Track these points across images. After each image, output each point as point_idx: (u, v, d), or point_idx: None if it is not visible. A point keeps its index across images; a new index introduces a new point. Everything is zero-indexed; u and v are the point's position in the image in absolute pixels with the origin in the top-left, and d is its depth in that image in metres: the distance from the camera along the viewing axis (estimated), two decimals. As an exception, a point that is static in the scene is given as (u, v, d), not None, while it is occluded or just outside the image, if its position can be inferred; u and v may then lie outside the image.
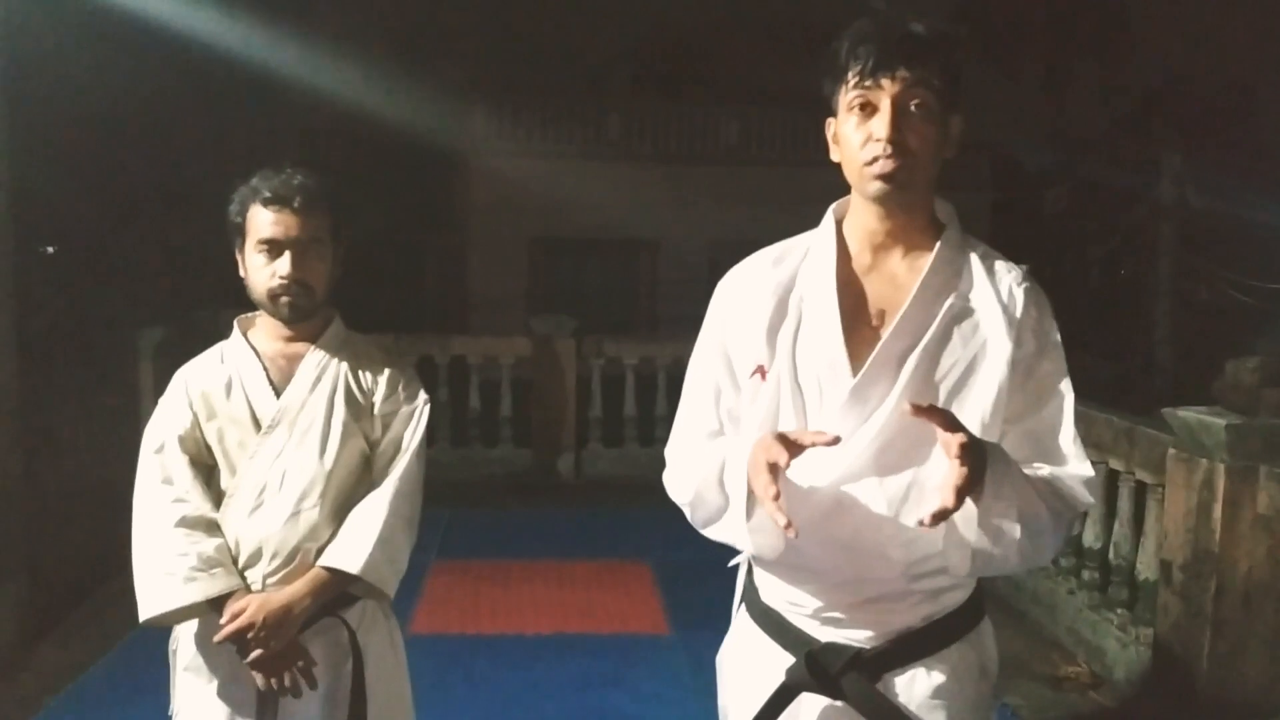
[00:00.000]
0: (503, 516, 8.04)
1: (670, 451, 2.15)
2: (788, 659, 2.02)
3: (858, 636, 1.98)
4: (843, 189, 2.07)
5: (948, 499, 1.69)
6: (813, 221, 2.13)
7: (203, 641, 2.52)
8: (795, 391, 1.96)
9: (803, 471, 1.89)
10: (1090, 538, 5.49)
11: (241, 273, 2.59)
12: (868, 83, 1.89)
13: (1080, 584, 5.57)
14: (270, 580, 2.48)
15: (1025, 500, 1.81)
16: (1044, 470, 1.92)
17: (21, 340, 5.24)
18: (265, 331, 2.63)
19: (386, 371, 2.66)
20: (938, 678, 1.97)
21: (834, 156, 2.03)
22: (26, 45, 5.37)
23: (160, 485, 2.50)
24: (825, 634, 2.00)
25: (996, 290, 1.96)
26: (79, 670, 5.02)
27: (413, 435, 2.64)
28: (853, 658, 1.95)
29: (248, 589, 2.46)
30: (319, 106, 14.46)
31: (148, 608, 2.44)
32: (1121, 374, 14.80)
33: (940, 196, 2.07)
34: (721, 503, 1.98)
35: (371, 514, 2.52)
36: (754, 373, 2.00)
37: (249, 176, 2.57)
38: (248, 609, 2.40)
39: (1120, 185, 18.95)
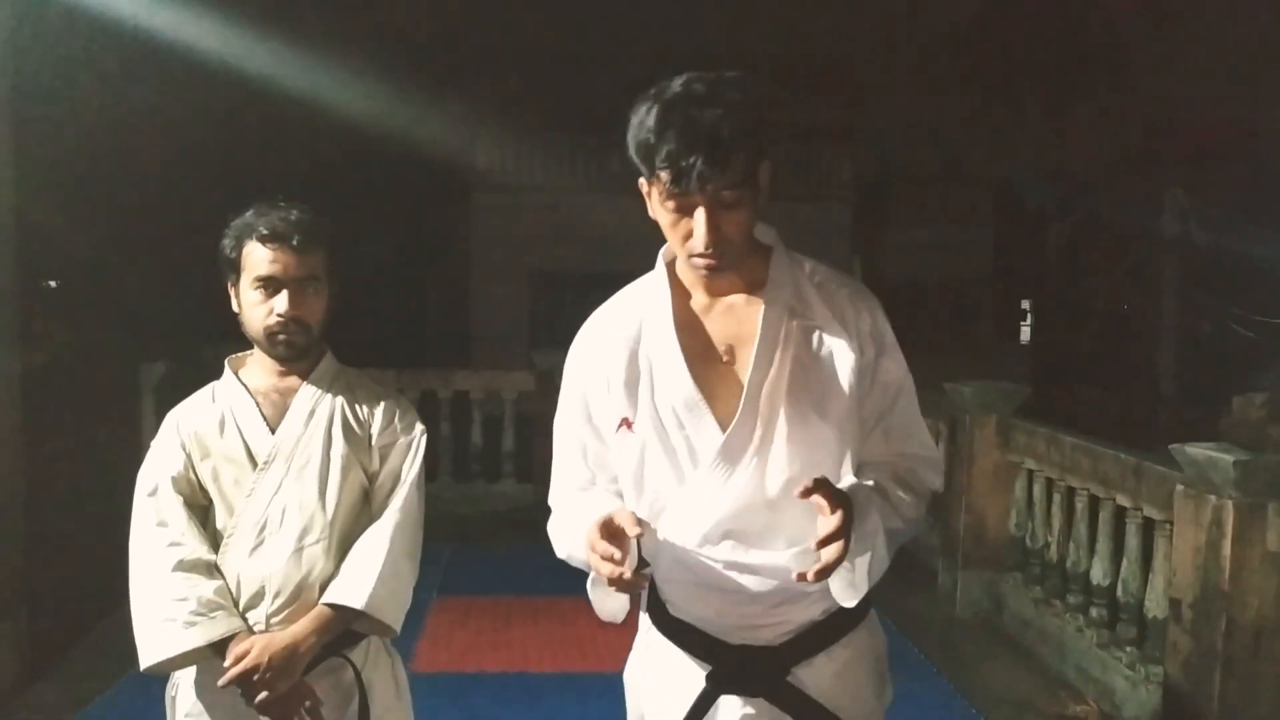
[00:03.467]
0: (505, 552, 7.98)
1: (551, 500, 2.33)
2: (701, 667, 2.13)
3: (766, 636, 2.10)
4: (841, 224, 2.09)
5: (825, 565, 1.85)
6: (811, 254, 2.19)
7: (203, 687, 2.47)
8: (662, 436, 2.06)
9: (683, 503, 2.04)
10: (1098, 575, 5.46)
11: (235, 308, 2.56)
12: (680, 192, 1.92)
13: (1088, 622, 5.53)
14: (274, 620, 2.44)
15: (886, 519, 1.99)
16: (895, 463, 2.10)
17: (24, 374, 5.23)
18: (257, 368, 2.60)
19: (382, 403, 2.63)
20: (838, 661, 2.12)
21: (651, 214, 2.07)
22: (32, 78, 5.38)
23: (155, 529, 2.46)
24: (735, 637, 2.11)
25: (831, 304, 2.07)
26: (78, 706, 4.99)
27: (411, 466, 2.60)
28: (763, 656, 2.09)
29: (250, 630, 2.42)
30: (323, 139, 14.50)
31: (148, 655, 2.40)
32: (1126, 409, 14.77)
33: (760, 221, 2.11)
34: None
35: (373, 548, 2.49)
36: (620, 426, 2.11)
37: (242, 210, 2.54)
38: (252, 650, 2.36)
39: (1123, 220, 18.99)
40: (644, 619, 2.29)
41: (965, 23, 25.49)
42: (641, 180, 2.05)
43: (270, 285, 2.47)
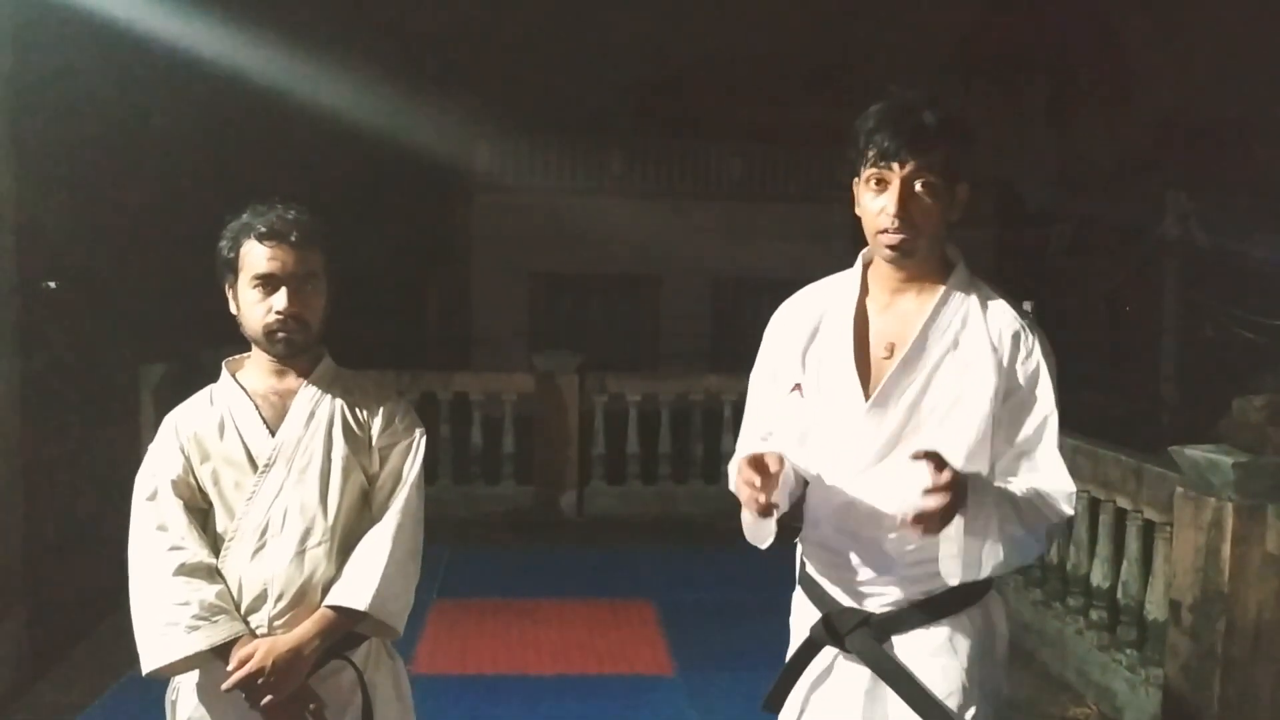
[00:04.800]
0: (505, 555, 7.98)
1: (737, 446, 2.58)
2: (815, 617, 2.47)
3: (870, 604, 2.40)
4: (842, 226, 2.24)
5: (924, 510, 2.09)
6: (813, 256, 2.45)
7: (205, 691, 2.47)
8: (821, 405, 2.41)
9: (825, 467, 2.39)
10: (1098, 577, 5.45)
11: (233, 309, 2.56)
12: (881, 165, 2.27)
13: (1089, 624, 5.53)
14: (277, 623, 2.44)
15: (1003, 517, 2.22)
16: (1029, 484, 2.32)
17: (24, 376, 5.23)
18: (255, 371, 2.59)
19: (382, 405, 2.63)
20: (934, 640, 2.37)
21: (857, 211, 2.38)
22: (33, 80, 5.39)
23: (155, 533, 2.45)
24: (846, 600, 2.42)
25: (989, 332, 2.34)
26: (78, 709, 4.98)
27: (411, 467, 2.61)
28: (862, 620, 2.38)
29: (252, 634, 2.42)
30: (323, 141, 14.50)
31: (151, 660, 2.39)
32: (1128, 412, 14.75)
33: (950, 240, 2.41)
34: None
35: (375, 550, 2.49)
36: (793, 389, 2.46)
37: (239, 212, 2.54)
38: (256, 654, 2.36)
39: (1125, 222, 18.96)
40: (798, 574, 2.61)
41: (966, 24, 25.49)
42: (854, 180, 2.37)
43: (269, 283, 2.48)
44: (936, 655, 2.36)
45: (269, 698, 2.36)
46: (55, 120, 5.71)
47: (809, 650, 2.47)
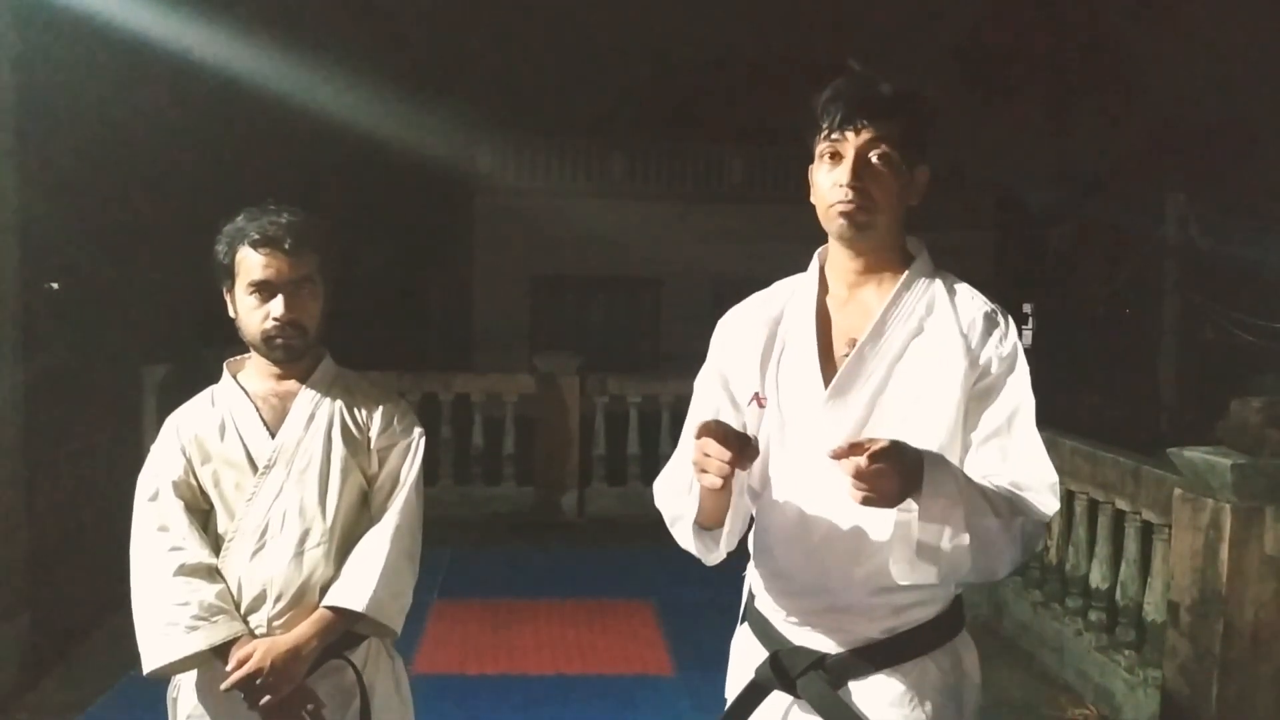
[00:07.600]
0: (505, 555, 8.00)
1: (667, 467, 2.36)
2: (764, 657, 2.21)
3: (824, 643, 2.14)
4: None
5: (857, 459, 1.82)
6: (806, 256, 2.31)
7: (205, 690, 2.48)
8: (780, 410, 2.19)
9: (781, 478, 2.18)
10: (1097, 578, 5.47)
11: (231, 313, 2.56)
12: (835, 135, 2.11)
13: (1087, 625, 5.54)
14: (276, 623, 2.45)
15: (970, 506, 1.93)
16: (1005, 475, 2.06)
17: (26, 376, 5.25)
18: (255, 372, 2.60)
19: (381, 406, 2.63)
20: (896, 688, 2.11)
21: (813, 199, 2.21)
22: (37, 82, 5.40)
23: (156, 533, 2.47)
24: (798, 637, 2.17)
25: (958, 318, 2.14)
26: (80, 709, 4.99)
27: (410, 469, 2.61)
28: (815, 661, 2.13)
29: (251, 634, 2.43)
30: (324, 144, 14.53)
31: (151, 659, 2.41)
32: (1127, 413, 14.76)
33: (913, 234, 2.26)
34: (685, 511, 2.21)
35: (374, 551, 2.50)
36: (751, 400, 2.23)
37: (233, 215, 2.54)
38: (255, 654, 2.37)
39: (1125, 224, 18.98)
40: (742, 610, 2.39)
41: (967, 26, 25.50)
42: (810, 168, 2.19)
43: (265, 290, 2.48)
44: (898, 706, 2.10)
45: (267, 698, 2.37)
46: (59, 123, 5.73)
47: (754, 695, 2.21)
